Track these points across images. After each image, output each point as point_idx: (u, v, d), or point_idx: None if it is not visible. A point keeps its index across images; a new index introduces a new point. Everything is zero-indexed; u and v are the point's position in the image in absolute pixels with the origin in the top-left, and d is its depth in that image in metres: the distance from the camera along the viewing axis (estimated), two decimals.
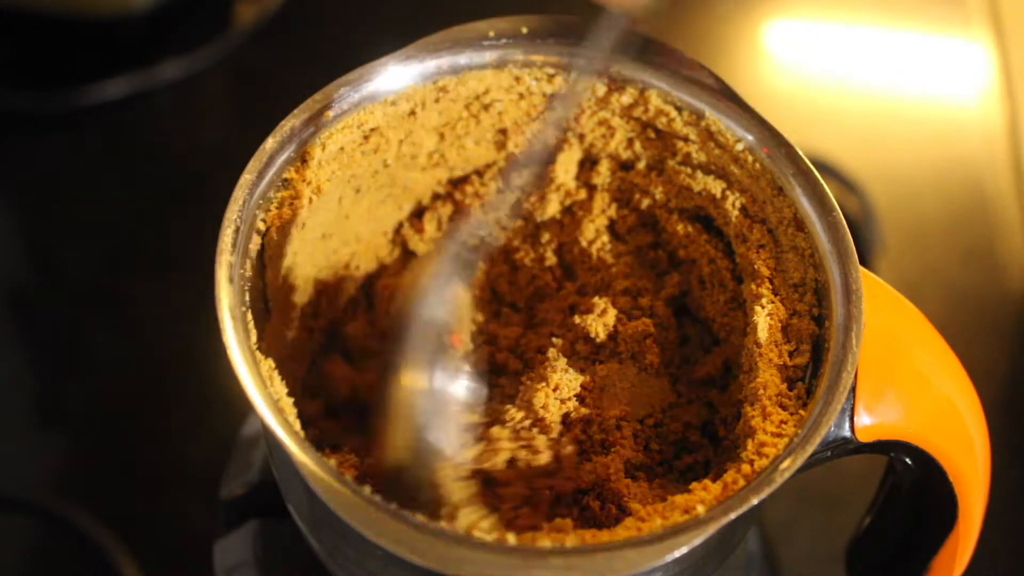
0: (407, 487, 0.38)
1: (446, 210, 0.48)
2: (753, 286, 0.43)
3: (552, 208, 0.48)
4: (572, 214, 0.48)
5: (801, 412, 0.39)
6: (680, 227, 0.47)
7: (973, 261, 0.78)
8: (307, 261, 0.45)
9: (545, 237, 0.48)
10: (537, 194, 0.48)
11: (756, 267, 0.43)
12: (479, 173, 0.48)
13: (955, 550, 0.45)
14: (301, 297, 0.45)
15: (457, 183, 0.48)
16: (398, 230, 0.49)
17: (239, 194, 0.41)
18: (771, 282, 0.43)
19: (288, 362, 0.43)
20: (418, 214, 0.49)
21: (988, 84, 0.85)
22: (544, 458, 0.41)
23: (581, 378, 0.43)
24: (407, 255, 0.48)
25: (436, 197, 0.49)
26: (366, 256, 0.48)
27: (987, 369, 0.47)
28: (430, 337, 0.39)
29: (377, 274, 0.48)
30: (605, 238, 0.48)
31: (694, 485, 0.38)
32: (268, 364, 0.41)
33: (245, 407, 0.51)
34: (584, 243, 0.48)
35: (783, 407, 0.39)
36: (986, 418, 0.43)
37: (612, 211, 0.48)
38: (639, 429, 0.43)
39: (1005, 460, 0.48)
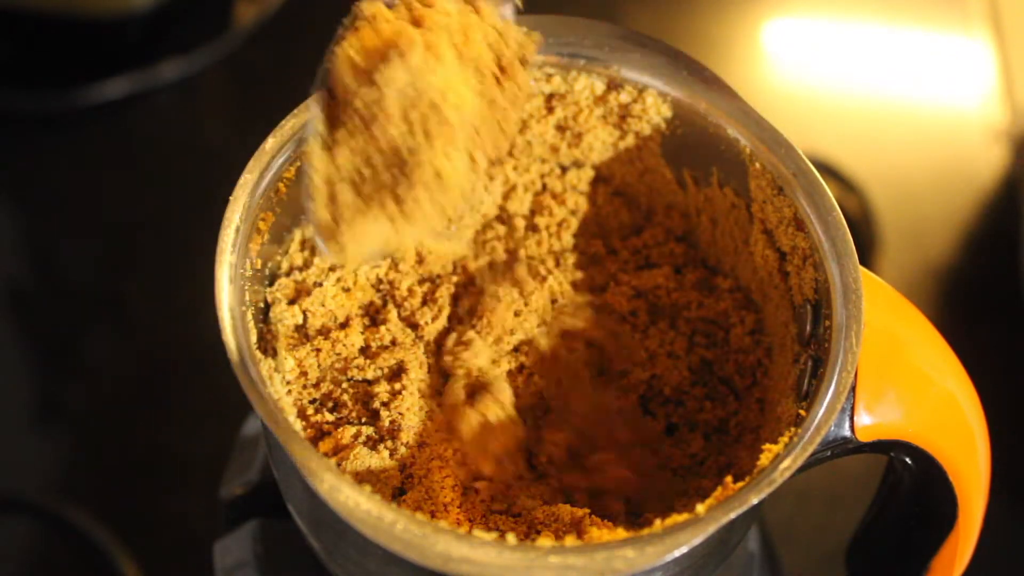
0: None
1: None
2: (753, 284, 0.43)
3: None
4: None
5: (801, 412, 0.39)
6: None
7: (973, 261, 0.78)
8: None
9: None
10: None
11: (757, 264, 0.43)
12: None
13: (955, 550, 0.45)
14: None
15: None
16: None
17: (239, 194, 0.41)
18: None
19: None
20: None
21: (988, 84, 0.85)
22: None
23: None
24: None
25: None
26: None
27: (987, 368, 0.47)
28: None
29: None
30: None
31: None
32: (268, 364, 0.41)
33: (245, 407, 0.51)
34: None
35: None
36: (986, 417, 0.44)
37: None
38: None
39: (1005, 459, 0.48)
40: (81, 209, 0.78)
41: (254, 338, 0.40)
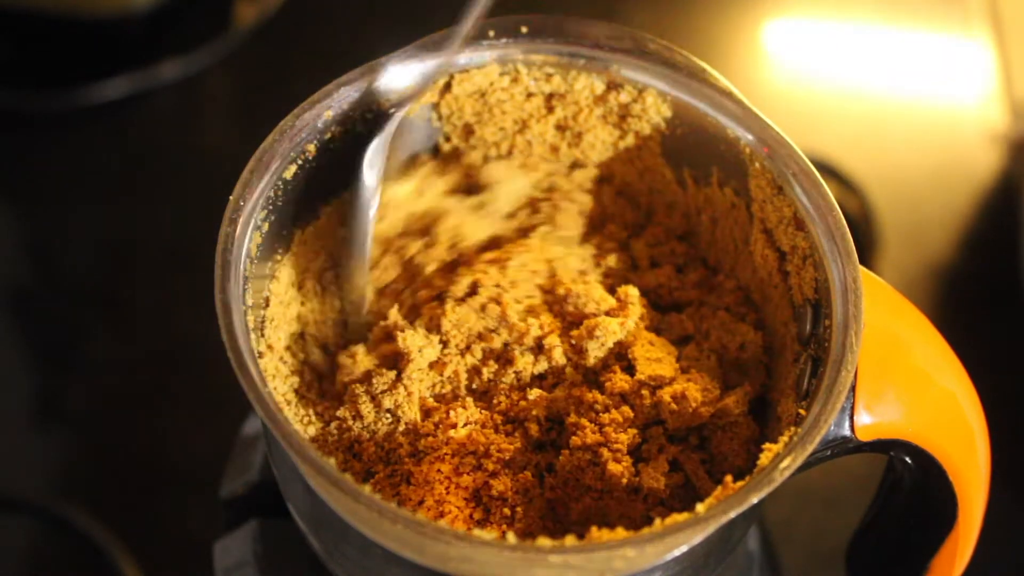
0: None
1: None
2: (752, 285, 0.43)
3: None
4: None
5: (801, 411, 0.39)
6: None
7: (973, 261, 0.78)
8: None
9: None
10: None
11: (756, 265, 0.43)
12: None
13: (955, 550, 0.45)
14: None
15: None
16: None
17: (239, 194, 0.41)
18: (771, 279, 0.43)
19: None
20: None
21: (988, 84, 0.85)
22: None
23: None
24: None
25: None
26: None
27: (987, 368, 0.47)
28: None
29: None
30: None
31: None
32: (268, 363, 0.41)
33: (245, 407, 0.51)
34: None
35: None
36: (986, 417, 0.44)
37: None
38: None
39: (1005, 459, 0.48)
40: (81, 209, 0.78)
41: (254, 338, 0.40)
